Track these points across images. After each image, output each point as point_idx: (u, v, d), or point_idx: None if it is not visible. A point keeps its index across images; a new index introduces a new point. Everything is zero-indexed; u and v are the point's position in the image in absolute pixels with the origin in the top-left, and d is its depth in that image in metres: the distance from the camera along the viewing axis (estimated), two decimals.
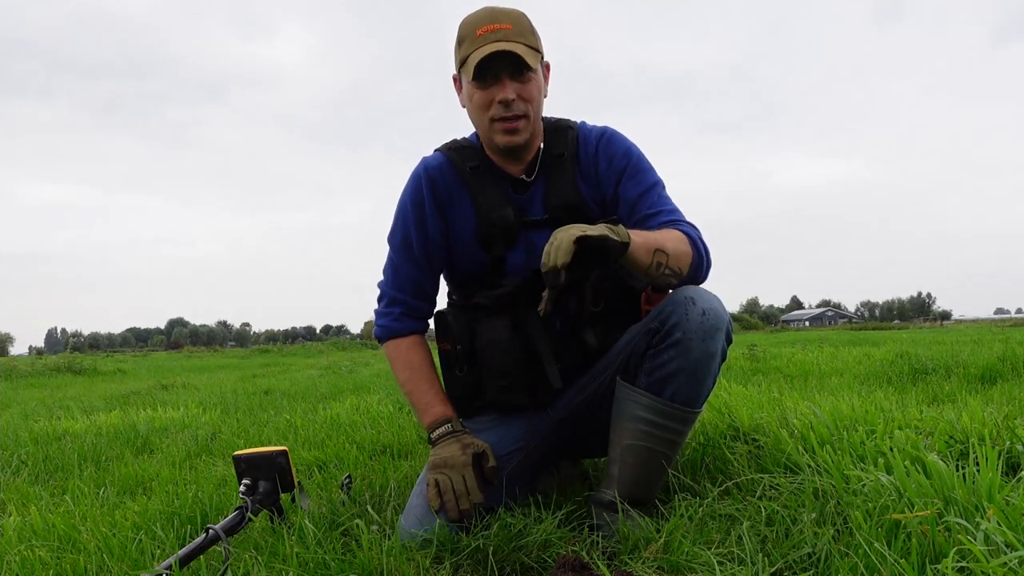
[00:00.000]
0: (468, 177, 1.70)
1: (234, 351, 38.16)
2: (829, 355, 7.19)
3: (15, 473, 2.86)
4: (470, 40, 1.57)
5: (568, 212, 1.67)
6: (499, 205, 1.68)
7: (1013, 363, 4.43)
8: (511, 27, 1.56)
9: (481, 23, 1.57)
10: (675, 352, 1.51)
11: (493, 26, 1.55)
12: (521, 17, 1.60)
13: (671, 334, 1.51)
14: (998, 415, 2.07)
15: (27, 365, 15.07)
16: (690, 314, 1.50)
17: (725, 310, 1.55)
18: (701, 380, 1.52)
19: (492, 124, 1.61)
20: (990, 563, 1.04)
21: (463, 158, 1.72)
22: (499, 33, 1.55)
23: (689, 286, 1.56)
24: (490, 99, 1.58)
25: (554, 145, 1.71)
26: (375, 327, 1.82)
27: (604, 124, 1.78)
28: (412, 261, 1.74)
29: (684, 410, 1.54)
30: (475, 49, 1.55)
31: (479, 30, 1.56)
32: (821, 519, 1.38)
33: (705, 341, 1.49)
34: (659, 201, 1.66)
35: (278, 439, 3.25)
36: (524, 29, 1.58)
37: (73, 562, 1.47)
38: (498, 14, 1.58)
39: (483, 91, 1.59)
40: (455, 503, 1.55)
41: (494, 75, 1.56)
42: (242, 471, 1.64)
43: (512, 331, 1.67)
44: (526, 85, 1.58)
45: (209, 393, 6.63)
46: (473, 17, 1.60)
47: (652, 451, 1.56)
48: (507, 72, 1.56)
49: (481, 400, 1.72)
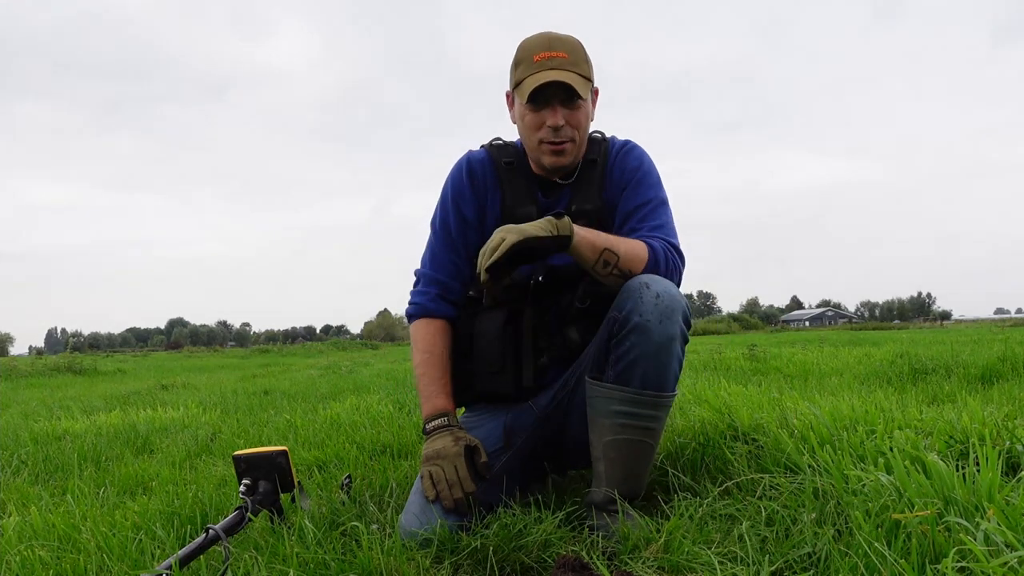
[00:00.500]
0: (502, 171, 1.80)
1: (234, 351, 38.17)
2: (829, 355, 7.19)
3: (15, 473, 2.86)
4: (527, 64, 1.65)
5: (586, 216, 1.74)
6: (523, 202, 1.77)
7: (1013, 363, 4.43)
8: (567, 56, 1.64)
9: (539, 49, 1.65)
10: (636, 338, 1.54)
11: (550, 53, 1.64)
12: (577, 46, 1.68)
13: (628, 319, 1.54)
14: (998, 415, 2.07)
15: (27, 365, 15.08)
16: (644, 298, 1.54)
17: (681, 295, 1.59)
18: (665, 363, 1.55)
19: (540, 145, 1.70)
20: (990, 563, 1.04)
21: (501, 153, 1.81)
22: (555, 61, 1.64)
23: (644, 274, 1.60)
24: (541, 122, 1.68)
25: (590, 151, 1.80)
26: (408, 305, 1.85)
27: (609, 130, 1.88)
28: (450, 244, 1.82)
29: (655, 396, 1.56)
30: (531, 74, 1.64)
31: (536, 56, 1.65)
32: (821, 519, 1.38)
33: (663, 323, 1.53)
34: (650, 216, 1.72)
35: (278, 439, 3.25)
36: (579, 58, 1.67)
37: (73, 562, 1.47)
38: (555, 42, 1.66)
39: (535, 114, 1.67)
40: (449, 492, 1.58)
41: (546, 100, 1.65)
42: (242, 471, 1.64)
43: (504, 324, 1.74)
44: (575, 112, 1.67)
45: (209, 393, 6.63)
46: (532, 41, 1.68)
47: (632, 442, 1.58)
48: (559, 99, 1.65)
49: (471, 391, 1.79)
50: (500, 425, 1.76)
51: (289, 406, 4.79)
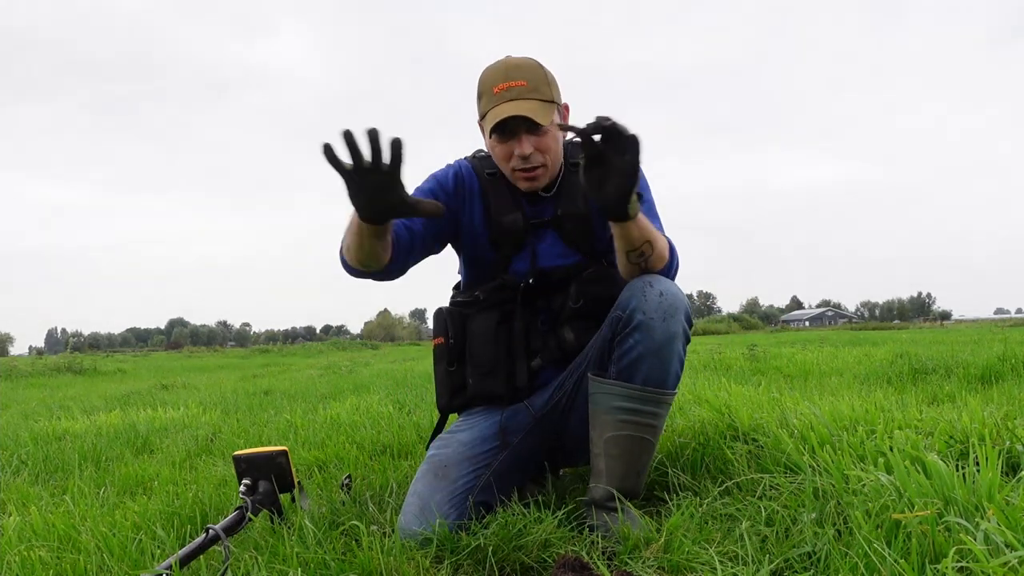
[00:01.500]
0: (485, 182, 1.82)
1: (234, 351, 38.18)
2: (829, 355, 7.19)
3: (15, 473, 2.86)
4: (488, 96, 1.66)
5: (574, 221, 1.77)
6: (509, 210, 1.78)
7: (1013, 363, 4.43)
8: (525, 84, 1.64)
9: (497, 80, 1.65)
10: (639, 336, 1.55)
11: (507, 84, 1.64)
12: (535, 69, 1.67)
13: (632, 317, 1.56)
14: (998, 415, 2.07)
15: (27, 365, 15.10)
16: (648, 296, 1.56)
17: (683, 294, 1.60)
18: (667, 361, 1.57)
19: (514, 173, 1.72)
20: (990, 563, 1.04)
21: (484, 165, 1.83)
22: (513, 91, 1.63)
23: (646, 274, 1.61)
24: (510, 152, 1.68)
25: (573, 154, 1.81)
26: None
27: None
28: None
29: (657, 393, 1.57)
30: (492, 107, 1.64)
31: (495, 88, 1.65)
32: (821, 519, 1.38)
33: (666, 321, 1.55)
34: (648, 215, 1.71)
35: (278, 439, 3.25)
36: (539, 83, 1.66)
37: (73, 562, 1.47)
38: (512, 70, 1.66)
39: (503, 145, 1.68)
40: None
41: (511, 132, 1.65)
42: (242, 471, 1.64)
43: (498, 325, 1.76)
44: (543, 138, 1.68)
45: (209, 393, 6.64)
46: (490, 73, 1.68)
47: (633, 439, 1.58)
48: (524, 128, 1.65)
49: (465, 394, 1.80)
50: (495, 424, 1.76)
51: (289, 406, 4.79)
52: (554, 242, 1.80)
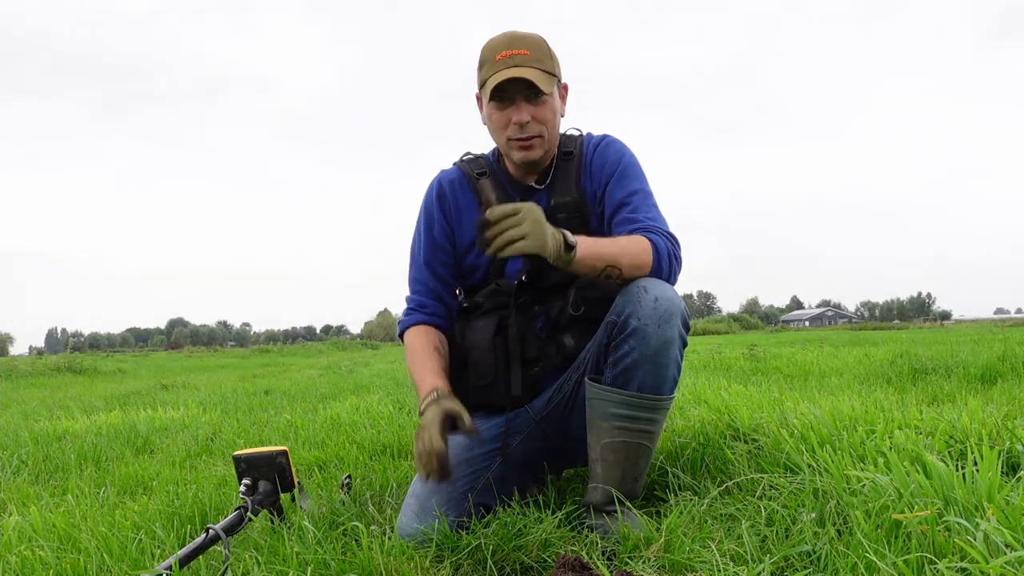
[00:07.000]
0: (475, 183, 1.82)
1: (234, 351, 38.12)
2: (829, 355, 7.19)
3: (15, 473, 2.86)
4: (490, 64, 1.67)
5: (567, 210, 1.76)
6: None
7: (1013, 363, 4.43)
8: (528, 53, 1.66)
9: (500, 48, 1.67)
10: (634, 342, 1.54)
11: (511, 52, 1.66)
12: (540, 43, 1.69)
13: (627, 324, 1.55)
14: (998, 415, 2.07)
15: (27, 365, 15.07)
16: (643, 302, 1.54)
17: (679, 298, 1.58)
18: (663, 367, 1.56)
19: (509, 142, 1.72)
20: (989, 563, 1.04)
21: (473, 167, 1.84)
22: (516, 59, 1.65)
23: (643, 278, 1.59)
24: (507, 120, 1.69)
25: (565, 144, 1.82)
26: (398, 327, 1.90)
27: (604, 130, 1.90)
28: (418, 265, 1.86)
29: (652, 399, 1.57)
30: (493, 73, 1.65)
31: (498, 55, 1.67)
32: (821, 519, 1.38)
33: (661, 327, 1.53)
34: (640, 207, 1.72)
35: (278, 439, 3.25)
36: (542, 55, 1.68)
37: (73, 562, 1.47)
38: (517, 40, 1.68)
39: (501, 112, 1.69)
40: (425, 460, 1.54)
41: (510, 98, 1.67)
42: (242, 471, 1.64)
43: (495, 332, 1.74)
44: (540, 108, 1.68)
45: (209, 393, 6.63)
46: (494, 42, 1.70)
47: (630, 444, 1.58)
48: (522, 96, 1.66)
49: (466, 402, 1.74)
50: (497, 427, 1.75)
51: (289, 406, 4.80)
52: None
